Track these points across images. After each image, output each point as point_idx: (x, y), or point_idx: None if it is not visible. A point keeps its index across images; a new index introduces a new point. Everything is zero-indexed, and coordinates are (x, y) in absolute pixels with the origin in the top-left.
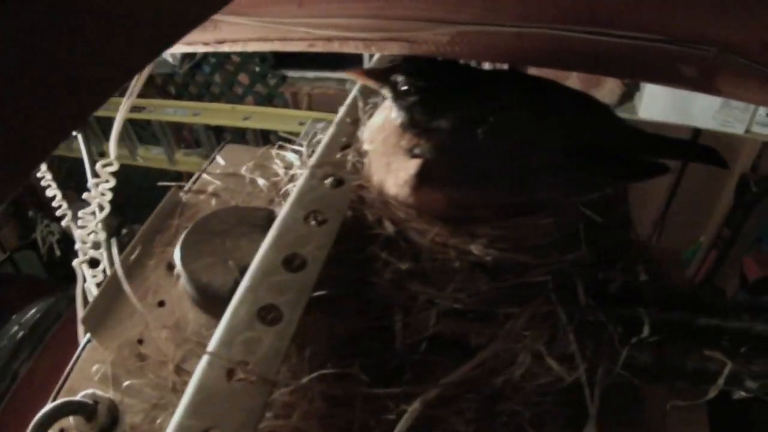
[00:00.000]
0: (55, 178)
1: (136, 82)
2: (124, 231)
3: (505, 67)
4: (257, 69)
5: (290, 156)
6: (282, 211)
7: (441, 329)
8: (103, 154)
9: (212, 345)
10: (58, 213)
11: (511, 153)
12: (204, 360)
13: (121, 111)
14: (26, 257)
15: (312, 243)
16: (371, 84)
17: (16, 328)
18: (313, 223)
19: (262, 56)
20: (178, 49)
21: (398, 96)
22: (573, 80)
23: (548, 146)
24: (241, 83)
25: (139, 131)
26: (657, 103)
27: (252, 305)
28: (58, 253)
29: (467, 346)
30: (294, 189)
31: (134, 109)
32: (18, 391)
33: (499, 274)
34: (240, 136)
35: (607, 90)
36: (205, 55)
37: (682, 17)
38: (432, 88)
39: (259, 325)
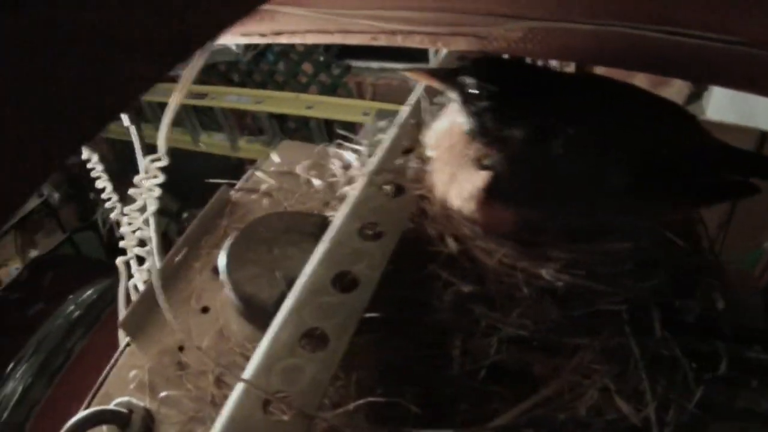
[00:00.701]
0: (118, 163)
1: (191, 72)
2: (185, 215)
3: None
4: (321, 58)
5: (349, 155)
6: (335, 222)
7: (503, 357)
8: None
9: (249, 371)
10: (107, 205)
11: (590, 170)
12: (239, 388)
13: (172, 102)
14: (86, 238)
15: (366, 260)
16: (437, 85)
17: (72, 307)
18: (368, 236)
19: (327, 46)
20: (235, 39)
21: (467, 100)
22: (640, 78)
23: (630, 163)
24: (305, 72)
25: (201, 118)
26: (726, 104)
27: (296, 329)
28: (118, 234)
29: (530, 376)
30: (350, 196)
31: (197, 95)
32: (72, 367)
33: (569, 301)
34: (303, 125)
35: (675, 89)
36: (269, 44)
37: (759, 20)
38: (504, 94)
39: (302, 351)
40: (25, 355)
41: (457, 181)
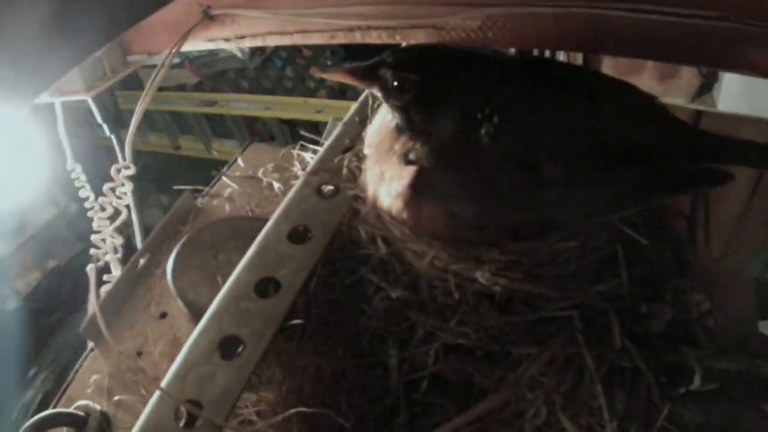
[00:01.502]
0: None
1: (156, 76)
2: None
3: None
4: (329, 63)
5: (310, 156)
6: (266, 226)
7: (443, 367)
8: (178, 148)
9: (167, 378)
10: (89, 214)
11: (522, 158)
12: (155, 395)
13: (139, 107)
14: None
15: (290, 264)
16: (357, 83)
17: None
18: (296, 239)
19: (333, 50)
20: (201, 45)
21: (390, 94)
22: (649, 71)
23: (571, 149)
24: (312, 78)
25: (213, 125)
26: (737, 95)
27: (214, 336)
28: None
29: (475, 388)
30: (285, 198)
31: (207, 103)
32: None
33: (511, 307)
34: (313, 129)
35: (684, 81)
36: (276, 50)
37: None
38: (429, 82)
39: (218, 359)
40: (45, 362)
41: (385, 179)
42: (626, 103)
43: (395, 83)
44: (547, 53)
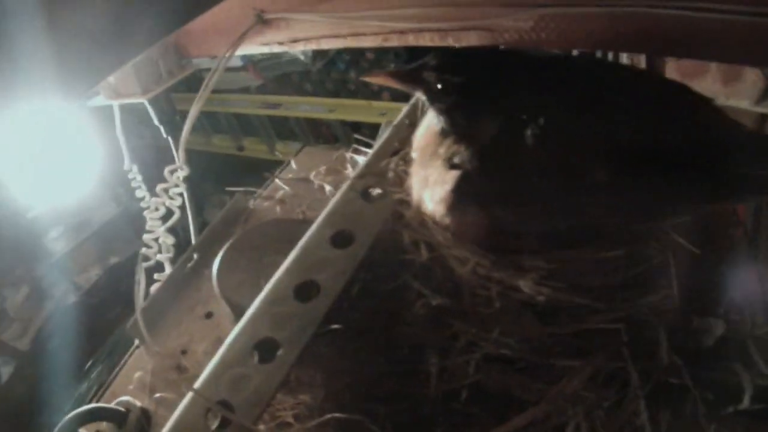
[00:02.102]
0: (195, 172)
1: (210, 79)
2: None
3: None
4: (392, 65)
5: (362, 159)
6: (310, 229)
7: (482, 378)
8: (242, 149)
9: (201, 378)
10: (145, 213)
11: (568, 163)
12: (188, 395)
13: (192, 110)
14: None
15: (330, 268)
16: (401, 87)
17: None
18: (338, 243)
19: (396, 52)
20: (255, 49)
21: (434, 97)
22: (712, 74)
23: (619, 153)
24: None
25: (276, 127)
26: None
27: (249, 338)
28: None
29: (515, 400)
30: (330, 202)
31: (271, 105)
32: None
33: (555, 317)
34: (377, 131)
35: (748, 84)
36: (340, 52)
37: None
38: (473, 84)
39: (252, 361)
40: (101, 356)
41: (429, 183)
42: (680, 105)
43: (439, 86)
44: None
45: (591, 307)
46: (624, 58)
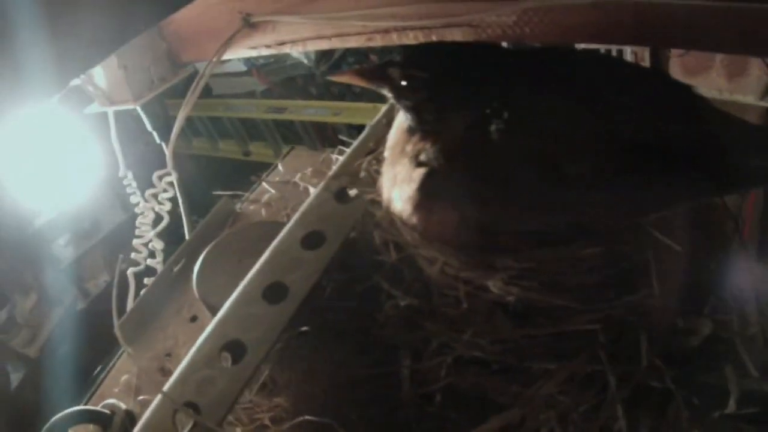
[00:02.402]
0: (202, 178)
1: (196, 85)
2: None
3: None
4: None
5: None
6: (282, 231)
7: (456, 381)
8: (248, 154)
9: (170, 381)
10: (138, 220)
11: (540, 157)
12: (157, 398)
13: (180, 115)
14: (172, 252)
15: (300, 270)
16: (367, 85)
17: None
18: (309, 244)
19: (400, 53)
20: (244, 53)
21: (400, 94)
22: (717, 69)
23: (593, 146)
24: None
25: (283, 131)
26: None
27: (217, 340)
28: None
29: (492, 403)
30: (304, 203)
31: (277, 110)
32: None
33: (531, 319)
34: None
35: (753, 78)
36: (344, 55)
37: None
38: (439, 79)
39: (218, 363)
40: (110, 362)
41: (397, 182)
42: (657, 94)
43: (404, 82)
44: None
45: (567, 307)
46: (628, 54)
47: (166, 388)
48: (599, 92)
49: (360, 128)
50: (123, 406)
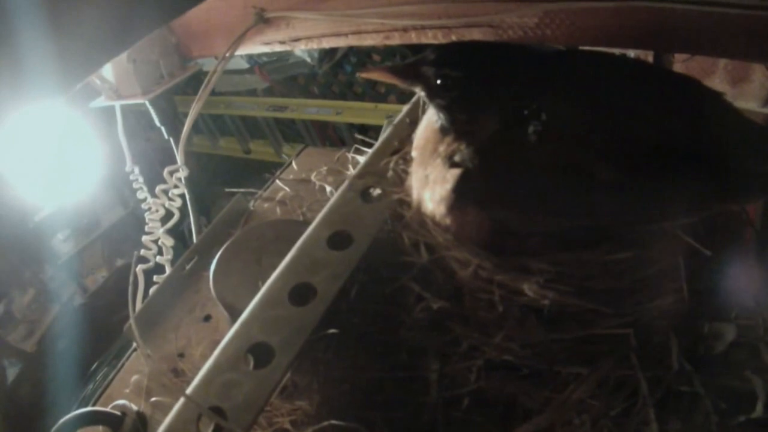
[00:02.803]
0: (202, 175)
1: (207, 84)
2: None
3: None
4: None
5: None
6: (307, 230)
7: (484, 385)
8: (249, 152)
9: (194, 383)
10: (146, 215)
11: (572, 160)
12: (180, 401)
13: (192, 111)
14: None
15: (326, 270)
16: (399, 83)
17: None
18: (335, 244)
19: (403, 54)
20: (257, 48)
21: (434, 93)
22: (720, 74)
23: (626, 150)
24: (383, 82)
25: (283, 130)
26: None
27: (242, 343)
28: None
29: (519, 408)
30: (328, 202)
31: (278, 108)
32: None
33: (560, 323)
34: None
35: (756, 84)
36: (346, 54)
37: None
38: (473, 79)
39: (244, 366)
40: (107, 358)
41: (429, 182)
42: (689, 100)
43: (438, 81)
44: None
45: (598, 311)
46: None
47: (189, 390)
48: (627, 97)
49: (361, 128)
50: (134, 407)
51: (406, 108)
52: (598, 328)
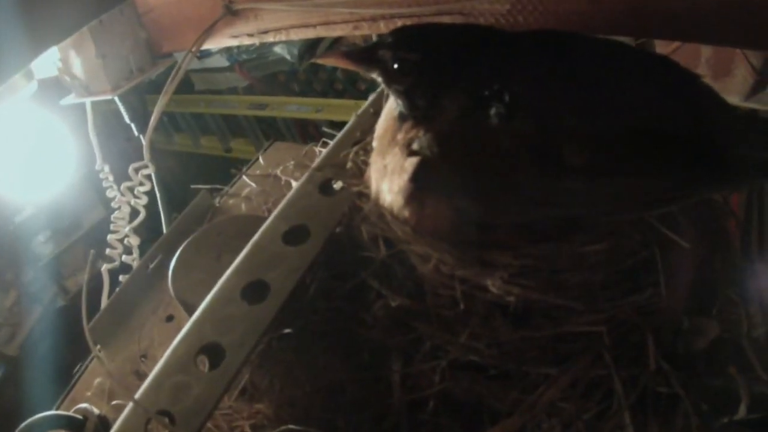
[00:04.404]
0: (184, 174)
1: (176, 72)
2: None
3: None
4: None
5: None
6: (264, 225)
7: (450, 386)
8: (230, 150)
9: (143, 387)
10: (114, 215)
11: (540, 144)
12: (129, 406)
13: (158, 104)
14: None
15: (282, 266)
16: (356, 68)
17: None
18: (291, 240)
19: None
20: (225, 42)
21: (391, 78)
22: (702, 68)
23: (598, 134)
24: (364, 79)
25: (264, 128)
26: None
27: (193, 343)
28: None
29: (487, 410)
30: (286, 196)
31: (258, 106)
32: None
33: (530, 320)
34: None
35: (738, 79)
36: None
37: None
38: (432, 62)
39: (194, 368)
40: (90, 360)
41: (387, 172)
42: (665, 80)
43: (395, 65)
44: None
45: (569, 307)
46: None
47: (138, 395)
48: (601, 78)
49: (342, 125)
50: (96, 411)
51: (371, 97)
52: (569, 325)
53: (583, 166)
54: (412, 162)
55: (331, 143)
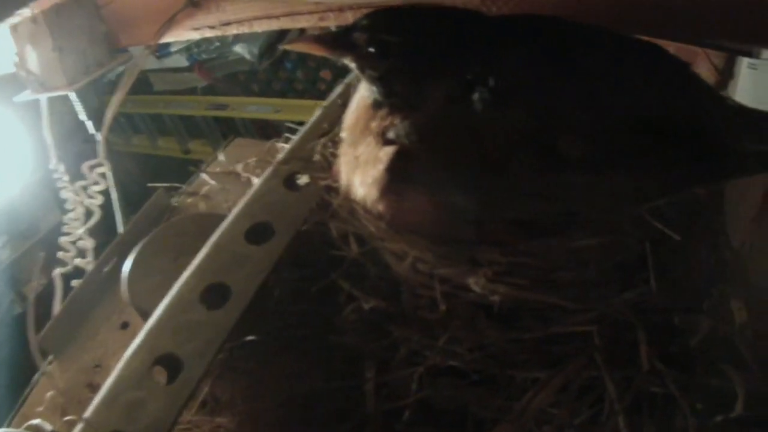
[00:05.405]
0: (142, 176)
1: (126, 80)
2: None
3: None
4: (339, 64)
5: None
6: (223, 223)
7: (429, 394)
8: (188, 152)
9: (93, 405)
10: (67, 216)
11: (532, 135)
12: (77, 427)
13: (110, 108)
14: None
15: (244, 268)
16: (327, 54)
17: None
18: (254, 238)
19: None
20: (186, 34)
21: (366, 63)
22: None
23: (593, 124)
24: (324, 79)
25: (224, 129)
26: (753, 93)
27: (148, 355)
28: None
29: (470, 419)
30: (248, 191)
31: (217, 106)
32: None
33: (516, 321)
34: None
35: (702, 75)
36: (287, 52)
37: None
38: (413, 44)
39: (150, 382)
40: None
41: (360, 164)
42: (660, 70)
43: (371, 48)
44: None
45: (559, 306)
46: None
47: (88, 413)
48: (597, 63)
49: (301, 125)
50: (48, 427)
51: (338, 88)
52: (558, 325)
53: (580, 158)
54: (387, 151)
55: (296, 136)
